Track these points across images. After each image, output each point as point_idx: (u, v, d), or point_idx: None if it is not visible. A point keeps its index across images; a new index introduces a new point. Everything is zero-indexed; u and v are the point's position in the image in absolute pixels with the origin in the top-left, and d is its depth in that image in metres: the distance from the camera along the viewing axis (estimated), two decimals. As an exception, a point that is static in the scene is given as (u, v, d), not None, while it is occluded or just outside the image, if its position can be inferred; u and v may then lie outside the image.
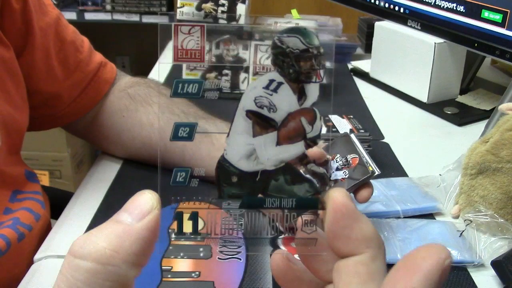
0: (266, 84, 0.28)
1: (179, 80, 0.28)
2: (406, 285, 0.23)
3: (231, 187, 0.29)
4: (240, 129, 0.29)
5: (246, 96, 0.28)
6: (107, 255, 0.26)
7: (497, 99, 1.01)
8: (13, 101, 0.69)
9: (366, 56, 1.34)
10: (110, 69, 0.83)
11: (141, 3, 2.20)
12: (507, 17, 0.90)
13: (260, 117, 0.28)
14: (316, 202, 0.29)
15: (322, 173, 0.30)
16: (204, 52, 0.28)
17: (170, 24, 0.28)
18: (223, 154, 0.29)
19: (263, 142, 0.29)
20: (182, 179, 0.29)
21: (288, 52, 0.28)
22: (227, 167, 0.29)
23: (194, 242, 0.63)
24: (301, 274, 0.30)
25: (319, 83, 0.29)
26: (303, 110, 0.29)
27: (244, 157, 0.29)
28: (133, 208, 0.27)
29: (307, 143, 0.29)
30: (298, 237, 0.29)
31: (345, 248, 0.27)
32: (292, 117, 0.29)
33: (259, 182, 0.29)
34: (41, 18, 0.72)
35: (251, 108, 0.28)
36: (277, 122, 0.29)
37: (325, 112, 0.30)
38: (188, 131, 0.29)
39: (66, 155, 2.01)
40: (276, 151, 0.29)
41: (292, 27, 0.28)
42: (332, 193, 0.27)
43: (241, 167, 0.29)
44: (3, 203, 0.68)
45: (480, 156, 0.71)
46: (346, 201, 0.27)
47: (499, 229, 0.65)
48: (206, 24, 0.28)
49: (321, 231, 0.28)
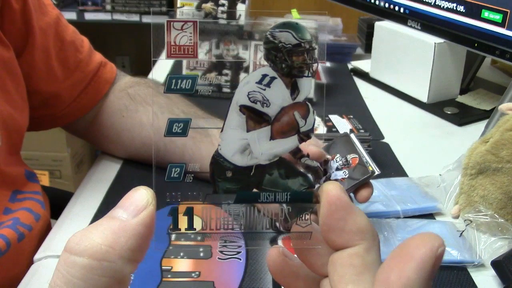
0: (259, 79, 0.29)
1: (173, 76, 0.28)
2: (400, 274, 0.23)
3: (226, 182, 0.29)
4: (234, 124, 0.29)
5: (240, 91, 0.29)
6: (103, 251, 0.26)
7: (497, 99, 1.01)
8: (13, 101, 0.69)
9: (366, 56, 1.34)
10: (110, 69, 0.84)
11: (141, 3, 2.20)
12: (507, 17, 0.90)
13: (254, 111, 0.28)
14: (310, 196, 0.29)
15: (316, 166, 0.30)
16: (197, 48, 0.28)
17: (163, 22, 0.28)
18: (217, 149, 0.29)
19: (257, 136, 0.29)
20: (176, 174, 0.29)
21: (281, 47, 0.28)
22: (222, 162, 0.29)
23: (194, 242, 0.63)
24: (297, 269, 0.30)
25: (311, 77, 0.29)
26: (296, 105, 0.29)
27: (238, 152, 0.29)
28: (128, 204, 0.27)
29: (301, 137, 0.29)
30: (293, 230, 0.29)
31: (340, 240, 0.27)
32: (285, 112, 0.29)
33: (254, 177, 0.29)
34: (41, 18, 0.72)
35: (245, 103, 0.28)
36: (271, 117, 0.29)
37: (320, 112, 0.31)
38: (182, 126, 0.29)
39: (66, 155, 2.01)
40: (270, 146, 0.29)
41: (284, 22, 0.28)
42: (326, 186, 0.27)
43: (235, 162, 0.29)
44: (3, 203, 0.68)
45: (480, 156, 0.71)
46: (340, 194, 0.27)
47: (499, 229, 0.65)
48: (198, 20, 0.28)
49: (316, 224, 0.29)
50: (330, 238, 0.27)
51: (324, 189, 0.27)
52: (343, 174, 0.60)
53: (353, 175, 0.61)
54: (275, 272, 0.30)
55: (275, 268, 0.30)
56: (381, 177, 0.75)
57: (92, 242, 0.26)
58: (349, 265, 0.26)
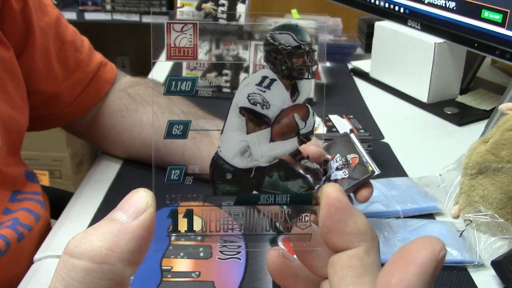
0: (259, 81, 0.29)
1: (173, 78, 0.28)
2: (401, 277, 0.23)
3: (226, 184, 0.29)
4: (234, 126, 0.29)
5: (240, 93, 0.29)
6: (103, 253, 0.26)
7: (497, 99, 1.00)
8: (13, 102, 0.69)
9: (366, 56, 1.34)
10: (110, 69, 0.83)
11: (141, 3, 2.20)
12: (507, 17, 0.90)
13: (254, 113, 0.29)
14: (310, 198, 0.29)
15: (316, 168, 0.30)
16: (197, 50, 0.28)
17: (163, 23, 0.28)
18: (217, 151, 0.29)
19: (256, 138, 0.29)
20: (176, 177, 0.29)
21: (281, 49, 0.28)
22: (221, 164, 0.29)
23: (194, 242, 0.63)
24: (297, 271, 0.30)
25: (311, 79, 0.29)
26: (296, 107, 0.29)
27: (238, 154, 0.29)
28: (128, 206, 0.27)
29: (300, 139, 0.29)
30: (293, 232, 0.29)
31: (339, 242, 0.27)
32: (285, 114, 0.29)
33: (254, 179, 0.29)
34: (41, 18, 0.72)
35: (245, 105, 0.28)
36: (271, 119, 0.29)
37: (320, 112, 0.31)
38: (182, 128, 0.29)
39: (66, 155, 2.01)
40: (270, 148, 0.29)
41: (284, 24, 0.28)
42: (326, 188, 0.27)
43: (235, 164, 0.29)
44: (2, 204, 0.68)
45: (480, 156, 0.71)
46: (340, 196, 0.27)
47: (499, 229, 0.65)
48: (198, 22, 0.28)
49: (316, 226, 0.29)
50: (330, 240, 0.27)
51: (323, 191, 0.27)
52: (343, 174, 0.60)
53: (353, 175, 0.61)
54: (275, 274, 0.30)
55: (275, 270, 0.30)
56: (381, 177, 0.75)
57: (92, 245, 0.26)
58: (349, 267, 0.26)
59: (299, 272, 0.30)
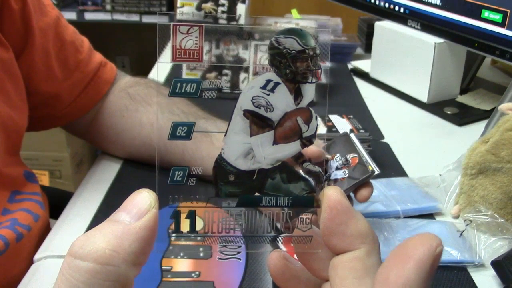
0: (263, 84, 0.29)
1: (178, 80, 0.28)
2: (399, 274, 0.23)
3: (229, 185, 0.29)
4: (238, 128, 0.29)
5: (244, 96, 0.29)
6: (107, 255, 0.26)
7: (497, 99, 1.01)
8: (12, 102, 0.69)
9: (366, 56, 1.34)
10: (110, 69, 0.83)
11: (141, 3, 2.20)
12: (507, 17, 0.90)
13: (257, 116, 0.29)
14: (312, 200, 0.29)
15: (318, 171, 0.31)
16: (203, 52, 0.28)
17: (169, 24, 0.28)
18: (220, 153, 0.29)
19: (260, 141, 0.29)
20: (179, 178, 0.29)
21: (285, 53, 0.29)
22: (225, 166, 0.29)
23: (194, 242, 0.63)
24: (298, 273, 0.30)
25: (315, 83, 0.29)
26: (299, 110, 0.30)
27: (242, 156, 0.29)
28: (131, 207, 0.27)
29: (303, 142, 0.30)
30: (294, 234, 0.29)
31: (341, 244, 0.27)
32: (288, 117, 0.29)
33: (256, 181, 0.30)
34: (41, 18, 0.72)
35: (249, 107, 0.29)
36: (274, 122, 0.29)
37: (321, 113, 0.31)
38: (186, 130, 0.29)
39: (66, 155, 2.01)
40: (273, 150, 0.29)
41: (289, 28, 0.29)
42: (327, 191, 0.28)
43: (238, 166, 0.29)
44: (1, 204, 0.68)
45: (480, 156, 0.71)
46: (341, 199, 0.27)
47: (499, 229, 0.65)
48: (204, 24, 0.28)
49: (317, 228, 0.29)
50: (331, 242, 0.27)
51: (325, 194, 0.28)
52: (343, 173, 0.60)
53: (353, 174, 0.61)
54: (276, 276, 0.31)
55: (276, 272, 0.30)
56: (381, 177, 0.75)
57: (96, 246, 0.26)
58: (350, 269, 0.26)
59: (300, 274, 0.30)
